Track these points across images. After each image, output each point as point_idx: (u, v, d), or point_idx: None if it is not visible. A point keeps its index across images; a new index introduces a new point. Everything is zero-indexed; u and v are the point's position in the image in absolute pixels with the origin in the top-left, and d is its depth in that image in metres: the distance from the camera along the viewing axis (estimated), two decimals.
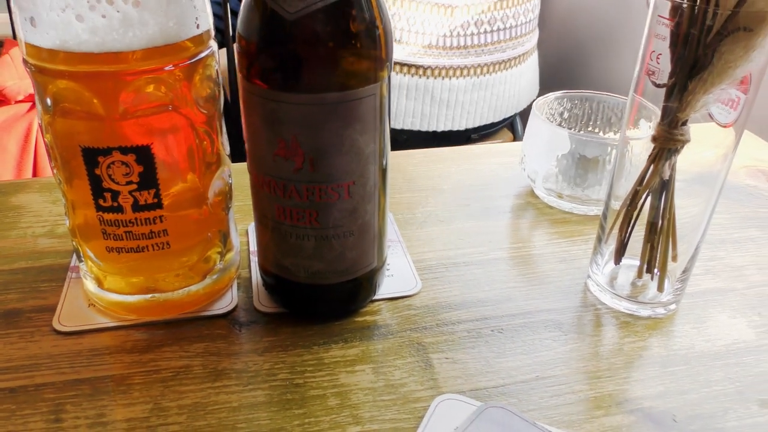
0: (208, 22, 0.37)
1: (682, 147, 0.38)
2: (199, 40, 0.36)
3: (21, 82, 1.34)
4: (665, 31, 0.35)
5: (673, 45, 0.35)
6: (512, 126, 1.36)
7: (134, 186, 0.36)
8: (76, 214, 0.39)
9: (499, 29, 1.08)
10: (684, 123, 0.37)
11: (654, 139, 0.38)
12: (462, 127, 1.15)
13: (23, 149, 1.33)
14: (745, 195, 0.57)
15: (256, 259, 0.43)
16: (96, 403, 0.35)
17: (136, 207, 0.37)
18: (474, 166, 0.61)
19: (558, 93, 0.56)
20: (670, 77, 0.36)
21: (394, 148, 1.22)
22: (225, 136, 0.41)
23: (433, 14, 1.02)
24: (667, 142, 0.37)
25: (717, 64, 0.34)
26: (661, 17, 0.35)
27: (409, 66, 1.05)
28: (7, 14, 2.07)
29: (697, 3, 0.33)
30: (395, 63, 1.04)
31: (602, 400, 0.36)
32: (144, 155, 0.35)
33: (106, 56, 0.33)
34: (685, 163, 0.39)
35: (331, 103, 0.34)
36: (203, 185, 0.39)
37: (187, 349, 0.39)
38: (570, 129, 0.57)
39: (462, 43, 1.05)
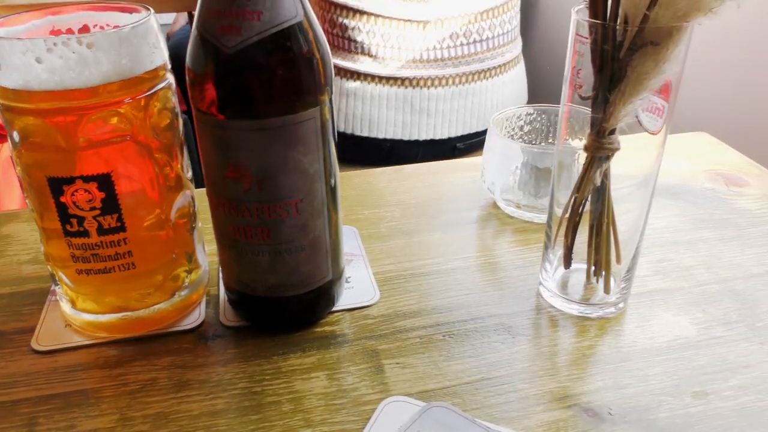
0: (163, 56, 0.40)
1: (613, 154, 0.40)
2: (154, 74, 0.39)
3: None
4: (585, 49, 0.37)
5: (593, 60, 0.37)
6: None
7: (98, 211, 0.39)
8: (48, 240, 0.41)
9: (475, 41, 1.10)
10: (612, 132, 0.39)
11: (585, 148, 0.40)
12: (445, 136, 1.17)
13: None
14: (702, 198, 0.59)
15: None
16: (67, 415, 0.38)
17: (101, 231, 0.40)
18: (440, 180, 0.63)
19: (515, 107, 0.59)
20: (593, 90, 0.38)
21: (378, 157, 1.23)
22: (186, 161, 0.44)
23: (407, 30, 1.05)
24: (597, 150, 0.40)
25: (632, 76, 0.36)
26: (579, 35, 0.37)
27: (387, 78, 1.08)
28: None
29: (608, 21, 0.36)
30: (373, 76, 1.07)
31: (542, 397, 0.38)
32: (105, 182, 0.38)
33: (66, 93, 0.36)
34: (621, 167, 0.41)
35: (273, 127, 0.36)
36: (165, 208, 0.42)
37: (155, 363, 0.42)
38: (531, 142, 0.59)
39: (438, 56, 1.08)
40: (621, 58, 0.36)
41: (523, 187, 0.53)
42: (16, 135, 0.38)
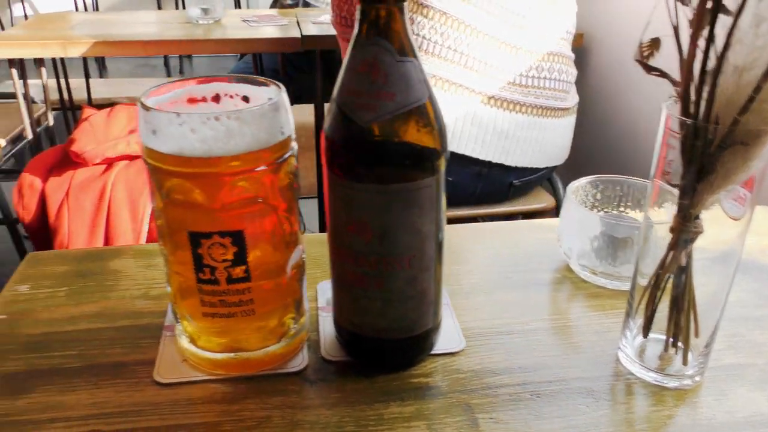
0: (290, 127, 0.45)
1: (696, 237, 0.43)
2: (284, 144, 0.44)
3: (98, 147, 1.47)
4: (675, 142, 0.41)
5: (682, 153, 0.41)
6: (551, 182, 1.42)
7: (229, 263, 0.44)
8: (179, 284, 0.46)
9: (555, 79, 1.18)
10: (697, 217, 0.43)
11: (672, 229, 0.44)
12: (512, 163, 1.22)
13: (98, 208, 1.44)
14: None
15: (326, 314, 0.52)
16: None
17: (230, 280, 0.44)
18: (515, 240, 0.67)
19: (590, 177, 0.62)
20: (682, 179, 0.42)
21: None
22: (299, 217, 0.49)
23: (501, 50, 1.12)
24: (683, 233, 0.43)
25: (720, 171, 0.40)
26: (671, 131, 0.41)
27: (477, 92, 1.14)
28: (83, 80, 2.25)
29: (700, 121, 0.40)
30: (465, 87, 1.13)
31: None
32: (238, 238, 0.43)
33: (213, 160, 0.41)
34: (705, 241, 0.44)
35: (395, 192, 0.41)
36: (283, 261, 0.46)
37: (267, 402, 0.46)
38: (602, 210, 0.63)
39: (524, 83, 1.15)
40: (711, 153, 0.40)
41: (600, 255, 0.57)
42: (162, 192, 0.43)
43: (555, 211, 1.41)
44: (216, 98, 0.46)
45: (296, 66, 1.93)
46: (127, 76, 3.92)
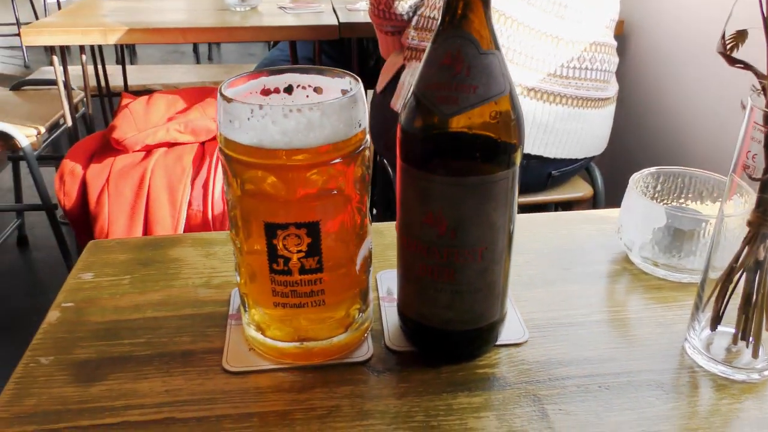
0: (366, 120, 0.45)
1: None
2: (361, 136, 0.44)
3: (139, 135, 1.48)
4: (760, 136, 0.41)
5: (766, 147, 0.41)
6: (590, 175, 1.41)
7: (303, 254, 0.44)
8: (250, 274, 0.47)
9: (597, 69, 1.16)
10: None
11: (749, 223, 0.43)
12: (551, 155, 1.21)
13: (137, 195, 1.46)
14: None
15: (388, 304, 0.52)
16: None
17: (302, 271, 0.45)
18: (571, 231, 0.67)
19: (652, 168, 0.62)
20: (764, 173, 0.41)
21: None
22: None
23: (542, 41, 1.11)
24: (762, 227, 0.43)
25: None
26: (756, 124, 0.41)
27: (516, 85, 1.13)
28: (119, 66, 2.27)
29: None
30: None
31: None
32: (313, 229, 0.43)
33: (292, 152, 0.41)
34: None
35: (472, 185, 0.41)
36: (354, 252, 0.47)
37: (335, 391, 0.46)
38: (663, 201, 0.62)
39: (565, 74, 1.14)
40: None
41: (664, 247, 0.56)
42: (240, 183, 0.43)
43: (592, 201, 1.40)
44: (288, 89, 0.46)
45: (329, 55, 1.92)
46: (158, 63, 3.95)
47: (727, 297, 0.47)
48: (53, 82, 1.77)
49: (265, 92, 0.47)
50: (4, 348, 1.56)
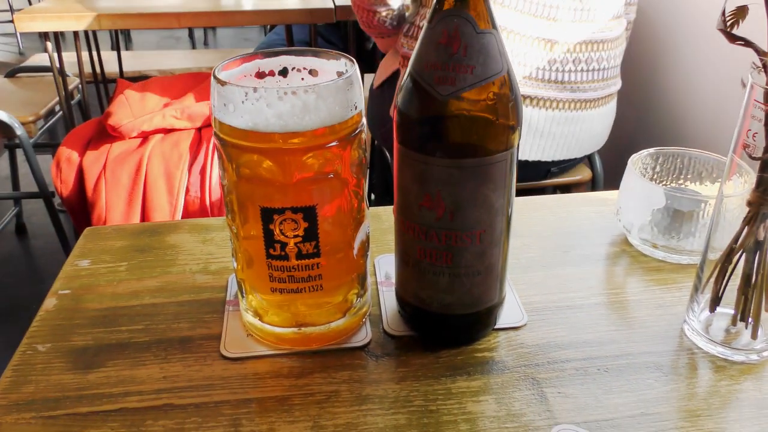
0: (362, 103, 0.44)
1: None
2: (357, 119, 0.44)
3: (135, 121, 1.48)
4: (760, 114, 0.40)
5: (766, 125, 0.40)
6: (590, 160, 1.40)
7: (299, 239, 0.44)
8: (247, 259, 0.46)
9: (593, 69, 1.14)
10: None
11: (749, 203, 0.43)
12: (548, 158, 1.20)
13: (134, 181, 1.46)
14: None
15: (386, 289, 0.52)
16: (266, 419, 0.43)
17: (299, 256, 0.44)
18: (569, 213, 0.66)
19: (651, 149, 0.61)
20: (765, 152, 0.41)
21: None
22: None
23: (534, 47, 1.08)
24: (762, 207, 0.42)
25: None
26: (757, 101, 0.40)
27: None
28: (114, 52, 2.25)
29: None
30: None
31: None
32: (310, 214, 0.43)
33: (288, 135, 0.41)
34: None
35: (471, 166, 0.41)
36: (351, 237, 0.46)
37: (333, 376, 0.46)
38: (661, 182, 0.62)
39: (560, 78, 1.12)
40: None
41: (663, 229, 0.56)
42: (235, 167, 0.43)
43: (591, 184, 1.40)
44: (283, 72, 0.46)
45: (326, 38, 1.91)
46: (153, 48, 3.92)
47: (726, 278, 0.46)
48: (48, 69, 1.76)
49: (260, 75, 0.46)
50: (2, 335, 1.56)
